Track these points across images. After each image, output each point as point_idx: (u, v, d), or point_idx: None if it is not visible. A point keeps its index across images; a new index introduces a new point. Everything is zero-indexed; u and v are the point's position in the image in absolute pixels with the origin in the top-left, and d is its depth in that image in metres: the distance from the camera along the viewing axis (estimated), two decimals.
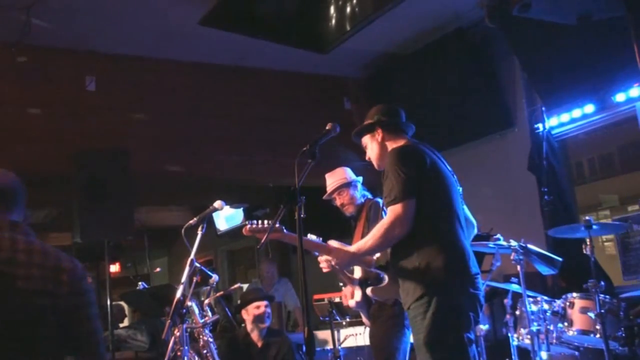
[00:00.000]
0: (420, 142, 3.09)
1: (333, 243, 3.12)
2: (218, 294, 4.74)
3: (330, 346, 5.15)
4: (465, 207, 3.07)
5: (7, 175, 2.31)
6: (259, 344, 4.87)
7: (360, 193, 4.20)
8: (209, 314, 3.95)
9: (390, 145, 3.09)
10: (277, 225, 2.93)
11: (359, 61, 6.71)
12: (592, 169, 6.47)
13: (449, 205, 2.84)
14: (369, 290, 3.54)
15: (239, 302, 5.21)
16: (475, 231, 3.13)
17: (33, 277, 2.07)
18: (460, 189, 3.00)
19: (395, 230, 2.78)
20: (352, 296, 4.09)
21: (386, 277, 3.37)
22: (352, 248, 3.00)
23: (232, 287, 5.16)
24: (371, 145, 3.18)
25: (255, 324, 4.86)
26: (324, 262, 3.58)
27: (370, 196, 4.23)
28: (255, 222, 3.02)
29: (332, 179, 4.21)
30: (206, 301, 4.07)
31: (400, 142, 3.08)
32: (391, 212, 2.76)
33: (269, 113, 6.56)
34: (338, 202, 4.21)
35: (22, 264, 2.08)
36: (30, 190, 2.35)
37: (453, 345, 2.68)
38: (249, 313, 4.89)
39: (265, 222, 3.03)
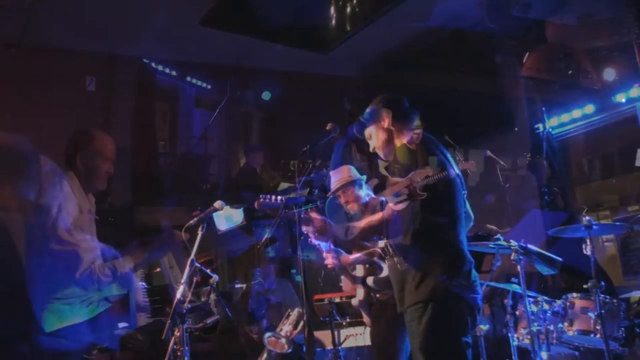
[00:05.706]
0: (431, 138, 2.96)
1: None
2: (216, 294, 4.73)
3: (330, 346, 5.13)
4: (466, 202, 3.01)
5: (15, 138, 1.86)
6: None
7: (364, 192, 4.20)
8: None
9: (396, 134, 2.95)
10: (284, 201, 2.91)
11: (359, 61, 6.70)
12: (592, 169, 6.46)
13: (455, 213, 2.79)
14: (369, 280, 3.53)
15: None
16: (472, 223, 3.09)
17: None
18: (465, 192, 2.93)
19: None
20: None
21: (385, 268, 3.36)
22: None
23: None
24: (376, 134, 3.00)
25: None
26: (329, 257, 3.59)
27: (373, 195, 4.22)
28: (268, 195, 2.99)
29: (337, 177, 4.20)
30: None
31: (407, 136, 2.92)
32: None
33: (269, 113, 6.56)
34: (342, 200, 4.20)
35: None
36: None
37: (449, 350, 2.64)
38: None
39: (279, 197, 2.99)
